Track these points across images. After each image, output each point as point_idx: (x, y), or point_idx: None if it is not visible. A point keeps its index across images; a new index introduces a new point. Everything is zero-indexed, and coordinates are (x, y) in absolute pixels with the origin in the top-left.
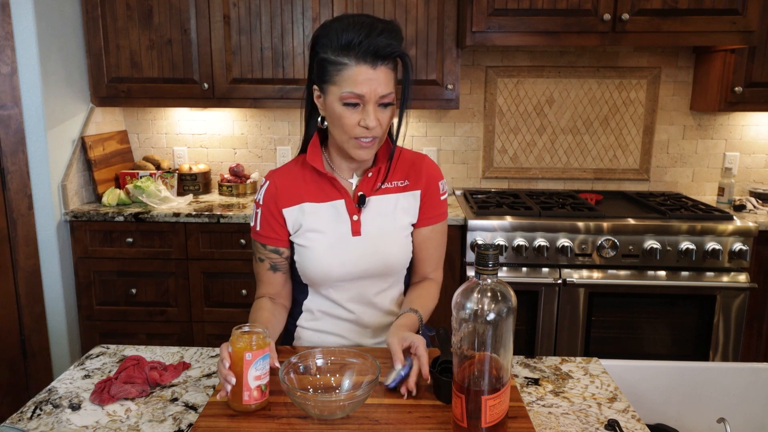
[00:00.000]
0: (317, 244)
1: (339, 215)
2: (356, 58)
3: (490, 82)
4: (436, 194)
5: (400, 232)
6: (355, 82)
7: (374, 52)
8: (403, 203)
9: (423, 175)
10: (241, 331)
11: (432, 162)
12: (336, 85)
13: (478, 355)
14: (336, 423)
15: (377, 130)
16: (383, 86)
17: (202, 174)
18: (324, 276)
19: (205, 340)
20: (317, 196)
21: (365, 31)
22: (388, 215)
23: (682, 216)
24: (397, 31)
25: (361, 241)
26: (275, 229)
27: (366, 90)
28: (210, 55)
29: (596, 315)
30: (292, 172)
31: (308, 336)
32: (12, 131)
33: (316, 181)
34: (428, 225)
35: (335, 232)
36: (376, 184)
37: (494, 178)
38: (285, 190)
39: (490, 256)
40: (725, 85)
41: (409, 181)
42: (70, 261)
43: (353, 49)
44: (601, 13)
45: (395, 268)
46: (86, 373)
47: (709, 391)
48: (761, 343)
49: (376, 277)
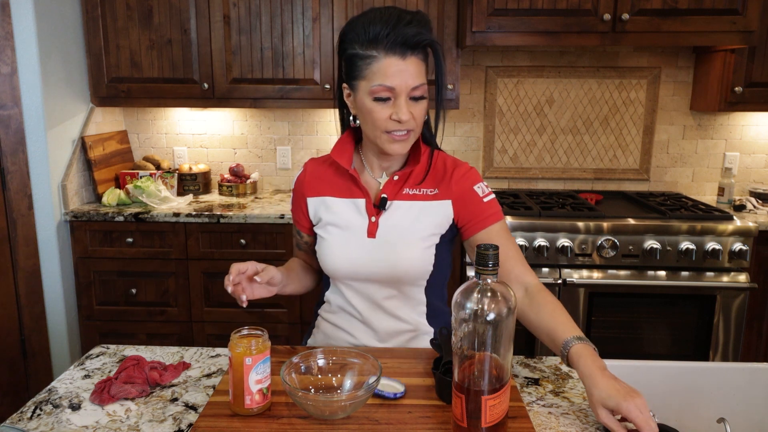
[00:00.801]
0: (333, 237)
1: (357, 214)
2: (385, 50)
3: (490, 82)
4: (475, 198)
5: (419, 242)
6: (385, 75)
7: (403, 42)
8: (428, 212)
9: (453, 183)
10: (240, 335)
11: (468, 168)
12: (366, 79)
13: (478, 355)
14: (336, 423)
15: (411, 123)
16: (414, 77)
17: (202, 174)
18: (334, 270)
19: (205, 340)
20: (341, 191)
21: (393, 22)
22: (409, 222)
23: (682, 216)
24: (426, 21)
25: (374, 243)
26: (299, 215)
27: (397, 82)
28: (210, 55)
29: (596, 315)
30: (325, 164)
31: (325, 327)
32: (12, 131)
33: (342, 177)
34: (482, 228)
35: (351, 229)
36: (402, 188)
37: (494, 178)
38: (313, 180)
39: (490, 256)
40: (725, 85)
41: (438, 190)
42: (70, 261)
43: (381, 41)
44: (601, 13)
45: (407, 277)
46: (86, 373)
47: (709, 391)
48: (761, 343)
49: (386, 283)
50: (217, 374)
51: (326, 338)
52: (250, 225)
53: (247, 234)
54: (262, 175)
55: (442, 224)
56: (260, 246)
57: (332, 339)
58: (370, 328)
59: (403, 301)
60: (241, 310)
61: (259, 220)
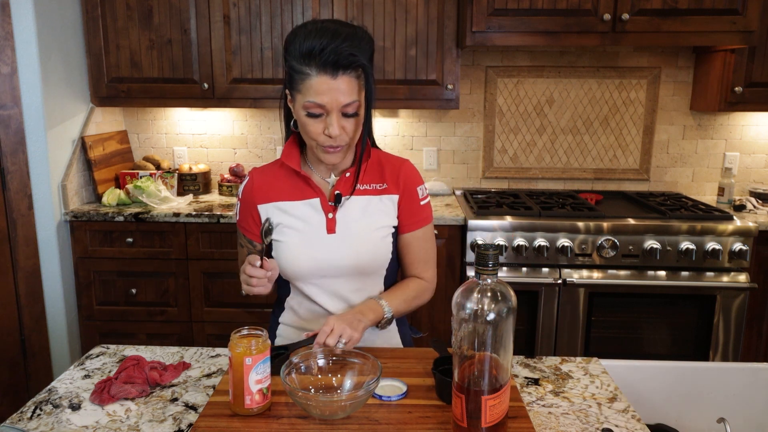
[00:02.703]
0: (291, 239)
1: (314, 213)
2: (317, 68)
3: (490, 82)
4: (414, 200)
5: (376, 232)
6: (316, 92)
7: (334, 62)
8: (379, 205)
9: (400, 180)
10: (240, 335)
11: (411, 167)
12: (300, 93)
13: (478, 355)
14: (336, 423)
15: (343, 138)
16: (345, 95)
17: (202, 174)
18: (298, 271)
19: (205, 340)
20: (293, 194)
21: (327, 39)
22: (365, 215)
23: (682, 216)
24: (363, 38)
25: (335, 238)
26: (251, 224)
27: (327, 100)
28: (210, 55)
29: (596, 315)
30: (272, 171)
31: (289, 333)
32: (12, 131)
33: (293, 180)
34: (410, 231)
35: (310, 228)
36: (353, 184)
37: (494, 178)
38: (262, 187)
39: (490, 256)
40: (725, 85)
41: (387, 185)
42: (70, 261)
43: (314, 58)
44: (601, 13)
45: (370, 268)
46: (86, 373)
47: (709, 391)
48: (761, 343)
49: (351, 276)
50: (217, 374)
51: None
52: None
53: None
54: None
55: (392, 215)
56: None
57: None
58: None
59: (366, 294)
60: (241, 311)
61: None
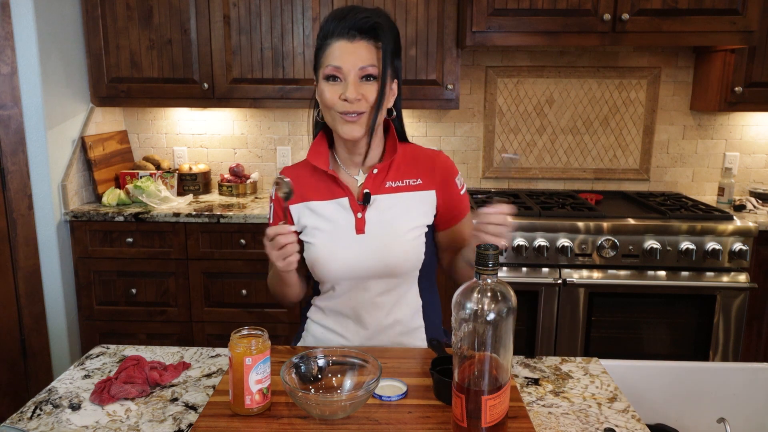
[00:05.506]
0: (320, 240)
1: (343, 212)
2: (337, 36)
3: (490, 82)
4: (454, 192)
5: (409, 232)
6: (334, 56)
7: (351, 27)
8: (413, 202)
9: (436, 173)
10: (240, 335)
11: (446, 158)
12: (322, 67)
13: (478, 355)
14: (336, 423)
15: (361, 104)
16: (362, 59)
17: (202, 174)
18: (327, 272)
19: (205, 340)
20: (322, 194)
21: (347, 12)
22: (397, 214)
23: (682, 216)
24: (382, 15)
25: (364, 239)
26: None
27: (343, 62)
28: (210, 55)
29: (596, 315)
30: (301, 170)
31: (314, 330)
32: (12, 131)
33: (322, 180)
34: (455, 224)
35: (339, 229)
36: (384, 182)
37: (494, 178)
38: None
39: (490, 256)
40: (725, 85)
41: (422, 180)
42: (70, 261)
43: (335, 30)
44: (601, 13)
45: (400, 269)
46: (86, 373)
47: (709, 391)
48: (761, 343)
49: (380, 277)
50: (217, 374)
51: (316, 341)
52: (250, 225)
53: (247, 234)
54: (262, 175)
55: (428, 213)
56: (260, 246)
57: (322, 341)
58: (362, 325)
59: (397, 296)
60: (241, 311)
61: (259, 220)
